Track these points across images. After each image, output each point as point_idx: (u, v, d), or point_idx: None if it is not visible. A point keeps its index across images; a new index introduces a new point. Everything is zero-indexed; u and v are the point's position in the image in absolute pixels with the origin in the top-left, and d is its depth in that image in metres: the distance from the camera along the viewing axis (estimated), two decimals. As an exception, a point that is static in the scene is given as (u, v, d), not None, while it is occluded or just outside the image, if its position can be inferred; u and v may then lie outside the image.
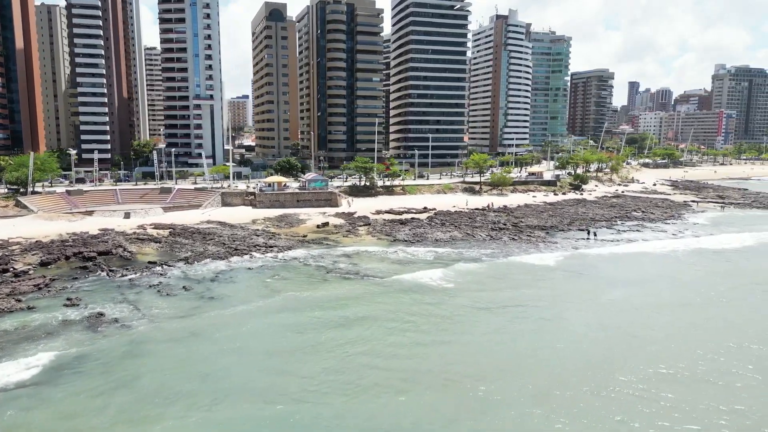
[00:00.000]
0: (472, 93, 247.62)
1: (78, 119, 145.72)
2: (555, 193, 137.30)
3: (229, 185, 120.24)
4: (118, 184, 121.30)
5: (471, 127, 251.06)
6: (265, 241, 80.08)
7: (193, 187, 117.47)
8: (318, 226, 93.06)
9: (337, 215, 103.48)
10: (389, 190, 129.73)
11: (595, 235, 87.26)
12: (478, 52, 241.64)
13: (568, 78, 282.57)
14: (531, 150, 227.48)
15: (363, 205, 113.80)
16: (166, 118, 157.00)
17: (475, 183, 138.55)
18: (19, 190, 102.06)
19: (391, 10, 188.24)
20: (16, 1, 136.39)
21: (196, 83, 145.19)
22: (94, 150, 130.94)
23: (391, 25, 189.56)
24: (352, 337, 46.54)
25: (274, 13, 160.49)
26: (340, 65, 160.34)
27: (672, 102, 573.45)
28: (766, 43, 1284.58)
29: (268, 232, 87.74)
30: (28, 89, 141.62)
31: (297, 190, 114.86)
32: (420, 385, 38.32)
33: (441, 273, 63.60)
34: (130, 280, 59.58)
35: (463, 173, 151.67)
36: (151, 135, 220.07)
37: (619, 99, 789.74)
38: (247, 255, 71.67)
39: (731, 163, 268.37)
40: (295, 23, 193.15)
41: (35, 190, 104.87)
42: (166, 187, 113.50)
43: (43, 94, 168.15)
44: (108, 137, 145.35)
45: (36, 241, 75.42)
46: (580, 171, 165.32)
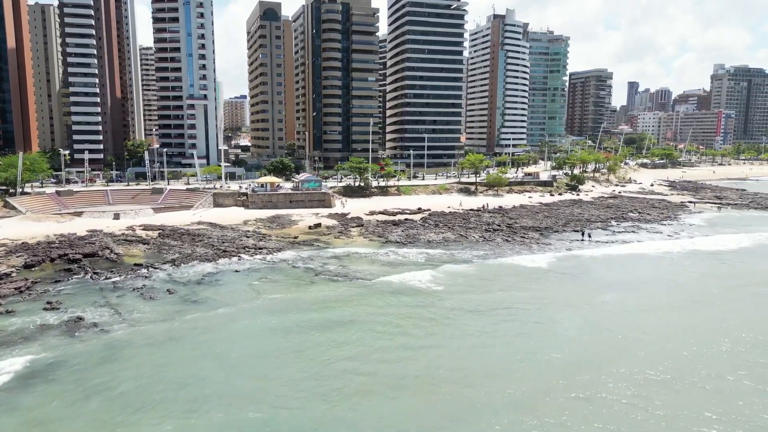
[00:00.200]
0: (470, 93, 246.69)
1: (70, 119, 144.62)
2: (551, 194, 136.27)
3: (221, 186, 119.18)
4: (110, 184, 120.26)
5: (468, 127, 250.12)
6: (255, 242, 79.06)
7: (185, 187, 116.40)
8: (310, 228, 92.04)
9: (330, 216, 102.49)
10: (384, 191, 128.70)
11: (590, 236, 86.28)
12: (475, 51, 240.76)
13: (566, 78, 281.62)
14: (528, 150, 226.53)
15: (357, 206, 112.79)
16: (160, 118, 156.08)
17: (471, 183, 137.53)
18: (8, 191, 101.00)
19: (387, 9, 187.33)
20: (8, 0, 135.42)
21: (189, 83, 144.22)
22: (84, 150, 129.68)
23: (387, 25, 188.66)
24: (337, 340, 45.54)
25: (269, 13, 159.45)
26: (335, 65, 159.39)
27: (671, 102, 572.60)
28: (766, 43, 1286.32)
29: (258, 233, 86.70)
30: (20, 89, 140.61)
31: (290, 191, 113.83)
32: (404, 391, 37.35)
33: (430, 275, 62.60)
34: (114, 283, 58.54)
35: (459, 174, 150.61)
36: (146, 135, 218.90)
37: (618, 99, 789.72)
38: (235, 257, 70.67)
39: (730, 164, 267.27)
40: (291, 23, 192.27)
41: (24, 190, 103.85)
42: (157, 187, 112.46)
43: (37, 94, 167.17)
44: (100, 137, 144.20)
45: (22, 243, 74.37)
46: (577, 171, 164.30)
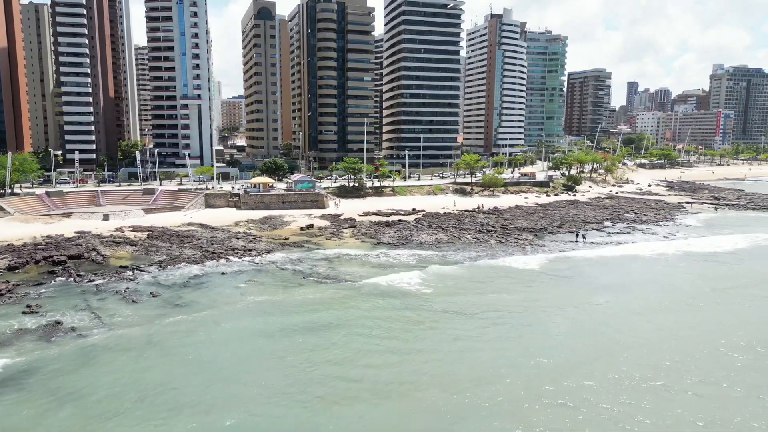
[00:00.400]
0: (467, 93, 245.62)
1: (62, 119, 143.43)
2: (547, 194, 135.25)
3: (213, 186, 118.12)
4: (101, 185, 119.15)
5: (466, 127, 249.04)
6: (245, 244, 78.01)
7: (177, 188, 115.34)
8: (302, 229, 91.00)
9: (323, 217, 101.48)
10: (378, 192, 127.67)
11: (584, 237, 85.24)
12: (472, 51, 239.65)
13: (564, 78, 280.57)
14: (526, 150, 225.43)
15: (351, 207, 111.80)
16: (154, 117, 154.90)
17: (467, 184, 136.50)
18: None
19: (384, 9, 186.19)
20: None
21: (183, 83, 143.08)
22: (75, 150, 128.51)
23: (384, 24, 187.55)
24: (321, 344, 44.64)
25: (263, 12, 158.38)
26: (330, 64, 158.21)
27: (671, 102, 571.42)
28: (766, 43, 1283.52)
29: (249, 234, 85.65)
30: (12, 88, 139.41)
31: (283, 192, 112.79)
32: (389, 397, 36.47)
33: (420, 277, 61.59)
34: (97, 285, 57.47)
35: (455, 174, 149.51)
36: (142, 135, 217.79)
37: (618, 99, 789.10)
38: (223, 259, 69.63)
39: (728, 164, 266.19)
40: (287, 22, 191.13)
41: (14, 191, 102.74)
42: (149, 188, 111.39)
43: (30, 93, 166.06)
44: (93, 137, 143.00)
45: (8, 245, 73.35)
46: (574, 172, 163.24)
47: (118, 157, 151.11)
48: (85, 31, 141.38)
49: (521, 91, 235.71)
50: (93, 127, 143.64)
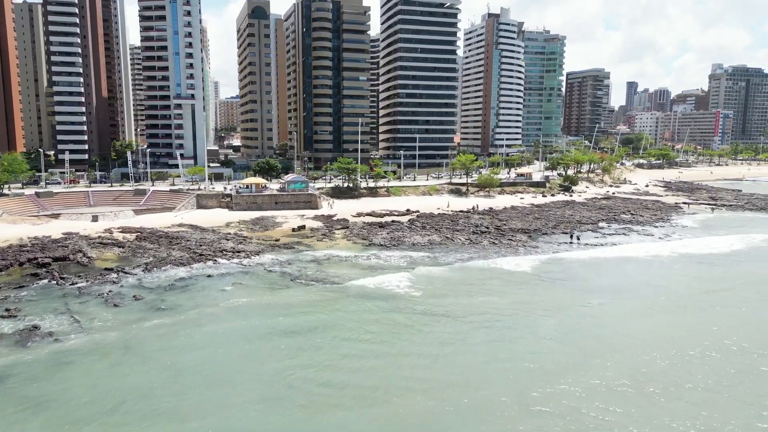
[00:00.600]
0: (465, 93, 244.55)
1: (54, 119, 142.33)
2: (544, 195, 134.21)
3: (205, 187, 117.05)
4: (93, 185, 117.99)
5: (463, 127, 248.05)
6: (234, 245, 76.92)
7: (168, 188, 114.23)
8: (293, 230, 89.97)
9: (315, 218, 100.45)
10: (373, 192, 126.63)
11: (578, 238, 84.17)
12: (470, 51, 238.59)
13: (562, 78, 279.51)
14: (523, 150, 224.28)
15: (344, 208, 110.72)
16: (147, 117, 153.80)
17: (462, 184, 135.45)
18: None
19: (380, 8, 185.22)
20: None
21: (177, 82, 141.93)
22: (65, 151, 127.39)
23: (380, 24, 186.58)
24: (304, 348, 43.84)
25: (257, 11, 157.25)
26: (326, 64, 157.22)
27: (670, 102, 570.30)
28: (766, 43, 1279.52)
29: (240, 236, 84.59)
30: (4, 88, 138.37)
31: (276, 192, 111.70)
32: (369, 403, 35.62)
33: (409, 279, 60.56)
34: (79, 288, 56.38)
35: (451, 174, 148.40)
36: (137, 135, 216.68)
37: (617, 99, 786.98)
38: (211, 261, 68.57)
39: (727, 164, 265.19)
40: (283, 21, 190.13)
41: (3, 192, 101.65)
42: (140, 188, 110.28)
43: (24, 93, 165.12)
44: (85, 137, 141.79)
45: (-7, 246, 72.22)
46: (571, 172, 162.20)
47: (111, 157, 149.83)
48: (77, 30, 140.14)
49: (519, 91, 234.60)
50: (85, 127, 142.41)
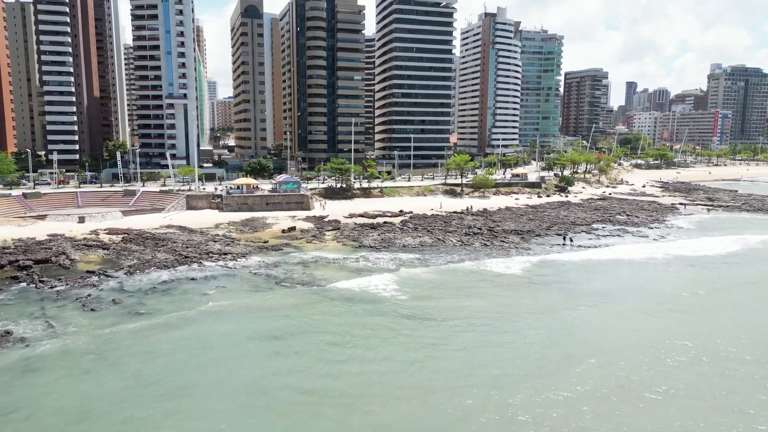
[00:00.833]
0: (461, 92, 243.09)
1: (44, 119, 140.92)
2: (539, 196, 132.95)
3: (197, 187, 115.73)
4: (83, 186, 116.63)
5: (460, 127, 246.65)
6: (221, 247, 75.65)
7: (158, 189, 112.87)
8: (283, 231, 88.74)
9: (307, 219, 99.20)
10: (367, 193, 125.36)
11: (571, 240, 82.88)
12: (466, 50, 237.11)
13: (560, 77, 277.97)
14: (520, 150, 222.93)
15: (337, 208, 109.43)
16: (140, 117, 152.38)
17: (457, 185, 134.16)
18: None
19: (375, 8, 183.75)
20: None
21: (169, 82, 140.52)
22: (53, 151, 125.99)
23: (376, 23, 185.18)
24: (282, 352, 43.00)
25: (250, 10, 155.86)
26: (320, 63, 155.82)
27: (669, 102, 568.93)
28: (766, 44, 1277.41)
29: (228, 237, 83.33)
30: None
31: (267, 193, 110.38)
32: (347, 410, 34.55)
33: (396, 282, 59.38)
34: (58, 292, 55.15)
35: (446, 175, 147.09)
36: (132, 135, 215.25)
37: (617, 99, 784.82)
38: (196, 263, 67.29)
39: (726, 164, 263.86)
40: (279, 21, 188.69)
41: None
42: (130, 189, 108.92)
43: (16, 93, 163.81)
44: (76, 137, 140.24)
45: (-25, 248, 70.90)
46: (567, 172, 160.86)
47: (103, 157, 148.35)
48: (68, 29, 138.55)
49: (515, 90, 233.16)
50: (76, 127, 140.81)
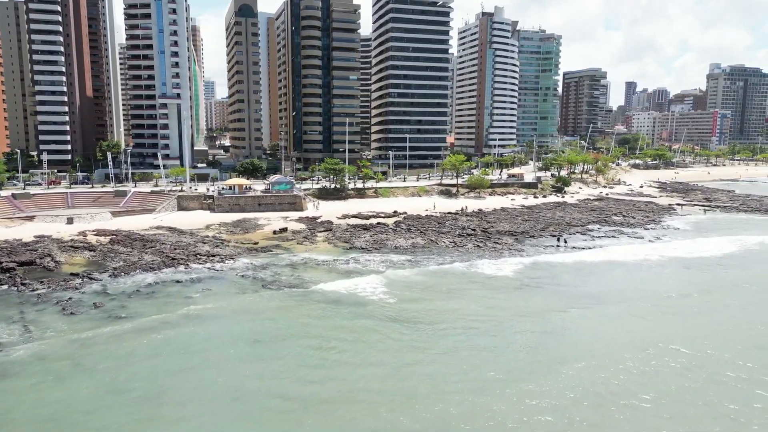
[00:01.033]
0: (459, 92, 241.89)
1: (36, 119, 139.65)
2: (535, 196, 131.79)
3: (189, 187, 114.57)
4: (74, 186, 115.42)
5: (457, 127, 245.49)
6: (210, 249, 74.56)
7: (150, 190, 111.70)
8: (275, 232, 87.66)
9: (299, 220, 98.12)
10: (361, 193, 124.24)
11: (566, 241, 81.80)
12: (464, 50, 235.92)
13: (558, 77, 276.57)
14: (518, 151, 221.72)
15: (330, 209, 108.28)
16: (133, 117, 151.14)
17: (452, 185, 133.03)
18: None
19: (372, 7, 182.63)
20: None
21: (162, 81, 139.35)
22: (44, 151, 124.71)
23: (372, 23, 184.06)
24: (265, 356, 42.21)
25: (244, 9, 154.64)
26: (315, 63, 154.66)
27: (668, 102, 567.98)
28: (766, 44, 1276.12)
29: (218, 239, 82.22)
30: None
31: (259, 193, 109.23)
32: (326, 416, 33.77)
33: (385, 285, 58.32)
34: (39, 295, 54.05)
35: (442, 175, 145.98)
36: (127, 135, 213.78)
37: (617, 99, 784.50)
38: (182, 265, 66.20)
39: (724, 164, 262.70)
40: (275, 20, 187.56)
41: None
42: (120, 190, 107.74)
43: (10, 93, 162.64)
44: (68, 137, 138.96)
45: (-41, 250, 69.81)
46: (564, 173, 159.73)
47: (96, 157, 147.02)
48: (60, 29, 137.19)
49: (513, 90, 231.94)
50: (68, 127, 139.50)
